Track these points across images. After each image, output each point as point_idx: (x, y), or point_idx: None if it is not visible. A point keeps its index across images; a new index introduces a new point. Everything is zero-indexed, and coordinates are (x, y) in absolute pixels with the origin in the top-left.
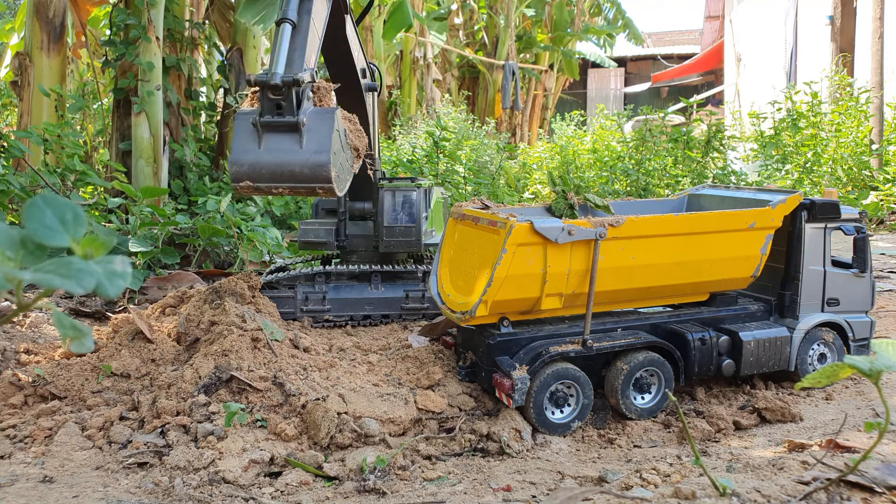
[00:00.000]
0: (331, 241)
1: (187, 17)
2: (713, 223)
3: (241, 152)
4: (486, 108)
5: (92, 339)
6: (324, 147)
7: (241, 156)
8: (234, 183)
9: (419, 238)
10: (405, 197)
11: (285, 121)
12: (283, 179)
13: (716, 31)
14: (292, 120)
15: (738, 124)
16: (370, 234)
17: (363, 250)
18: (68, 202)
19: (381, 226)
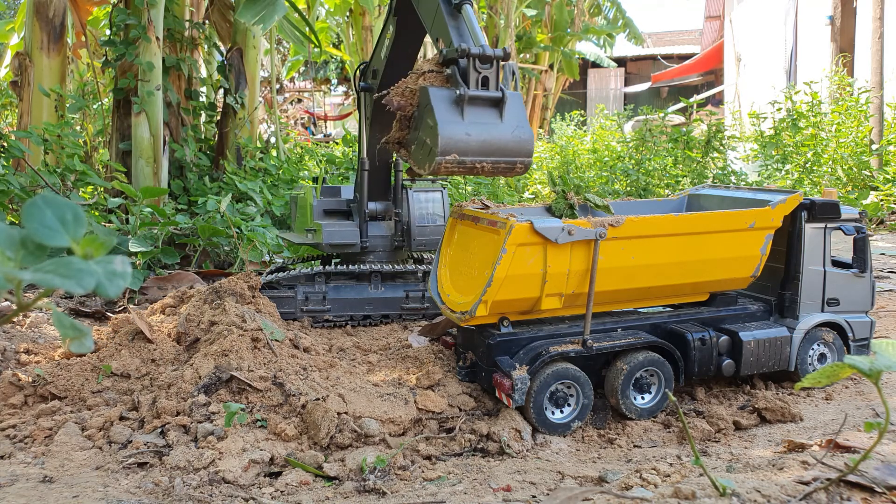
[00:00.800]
0: (357, 242)
1: (187, 17)
2: (713, 223)
3: (448, 124)
4: None
5: (92, 339)
6: (523, 122)
7: (451, 128)
8: (441, 157)
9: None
10: (432, 197)
11: (491, 95)
12: (490, 153)
13: (716, 31)
14: (497, 95)
15: (738, 124)
16: (389, 234)
17: (381, 250)
18: (68, 202)
19: (412, 225)
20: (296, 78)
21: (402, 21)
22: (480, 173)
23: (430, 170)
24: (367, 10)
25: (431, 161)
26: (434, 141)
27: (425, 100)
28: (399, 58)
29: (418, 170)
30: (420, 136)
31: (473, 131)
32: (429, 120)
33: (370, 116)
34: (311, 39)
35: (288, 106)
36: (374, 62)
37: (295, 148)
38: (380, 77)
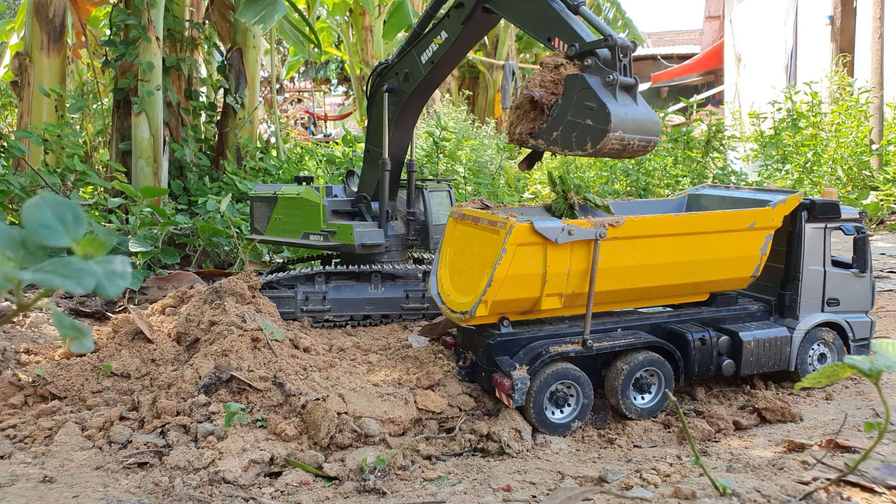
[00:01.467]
0: (384, 242)
1: (187, 17)
2: (713, 223)
3: (613, 105)
4: (486, 108)
5: (92, 339)
6: (646, 106)
7: (616, 108)
8: (612, 133)
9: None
10: (444, 197)
11: (631, 81)
12: (640, 131)
13: (716, 31)
14: (634, 80)
15: (738, 124)
16: (401, 233)
17: (395, 250)
18: (68, 202)
19: (429, 224)
20: (296, 78)
21: (471, 30)
22: (630, 152)
23: (596, 148)
24: (367, 10)
25: (598, 139)
26: (601, 119)
27: (580, 85)
28: (450, 62)
29: (570, 152)
30: (571, 119)
31: (631, 111)
32: (588, 103)
33: (393, 117)
34: (311, 39)
35: (288, 106)
36: (407, 65)
37: (295, 148)
38: (418, 80)
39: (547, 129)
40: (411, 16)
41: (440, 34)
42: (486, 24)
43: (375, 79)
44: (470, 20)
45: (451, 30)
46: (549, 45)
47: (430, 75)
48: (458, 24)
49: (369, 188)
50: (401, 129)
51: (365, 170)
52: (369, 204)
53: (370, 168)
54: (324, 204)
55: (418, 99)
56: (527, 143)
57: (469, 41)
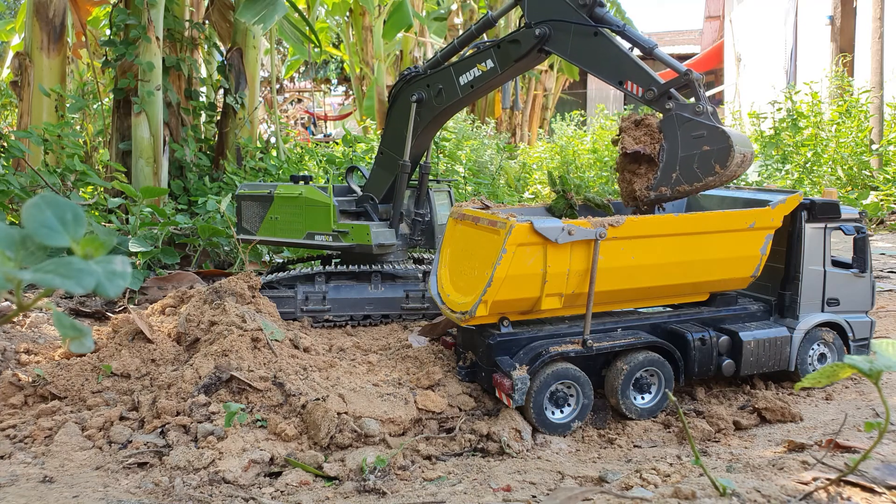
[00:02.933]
0: (396, 242)
1: (187, 17)
2: (713, 223)
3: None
4: (486, 108)
5: (92, 339)
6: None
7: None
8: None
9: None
10: (446, 196)
11: (713, 107)
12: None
13: (716, 31)
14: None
15: (738, 124)
16: (406, 233)
17: (400, 249)
18: (68, 202)
19: (435, 224)
20: (296, 78)
21: (521, 67)
22: (746, 165)
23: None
24: (367, 10)
25: (724, 158)
26: (719, 140)
27: (680, 121)
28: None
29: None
30: (685, 155)
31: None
32: (697, 132)
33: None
34: (311, 39)
35: (288, 106)
36: (442, 81)
37: (295, 148)
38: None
39: (662, 175)
40: (411, 16)
41: (486, 62)
42: (537, 62)
43: (403, 85)
44: (524, 59)
45: (501, 63)
46: (620, 88)
47: (465, 98)
48: (509, 60)
49: (377, 190)
50: (423, 137)
51: (375, 171)
52: (376, 204)
53: (382, 171)
54: (334, 204)
55: (448, 115)
56: (650, 197)
57: (514, 74)
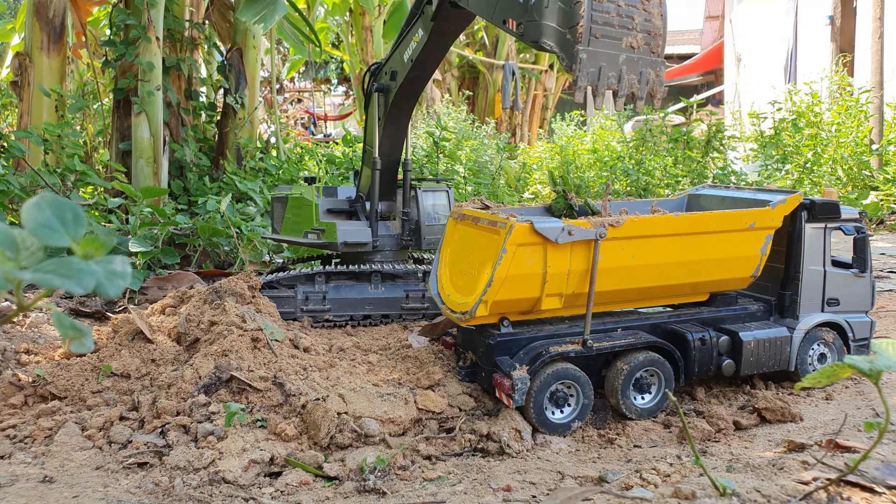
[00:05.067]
0: (370, 241)
1: (187, 17)
2: (713, 223)
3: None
4: (486, 108)
5: (92, 339)
6: None
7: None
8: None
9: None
10: (441, 196)
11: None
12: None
13: (716, 31)
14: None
15: (738, 124)
16: (396, 233)
17: (388, 249)
18: (68, 202)
19: (422, 224)
20: (296, 78)
21: (441, 26)
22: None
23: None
24: (367, 10)
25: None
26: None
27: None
28: (429, 60)
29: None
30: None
31: None
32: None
33: (383, 116)
34: (311, 39)
35: (288, 106)
36: (394, 64)
37: (295, 148)
38: (402, 78)
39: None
40: None
41: (417, 32)
42: (457, 20)
43: (370, 78)
44: (438, 16)
45: (425, 27)
46: (504, 28)
47: (412, 73)
48: (428, 21)
49: (365, 188)
50: (392, 128)
51: (363, 169)
52: (364, 204)
53: (367, 168)
54: (317, 203)
55: (405, 98)
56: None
57: (442, 38)
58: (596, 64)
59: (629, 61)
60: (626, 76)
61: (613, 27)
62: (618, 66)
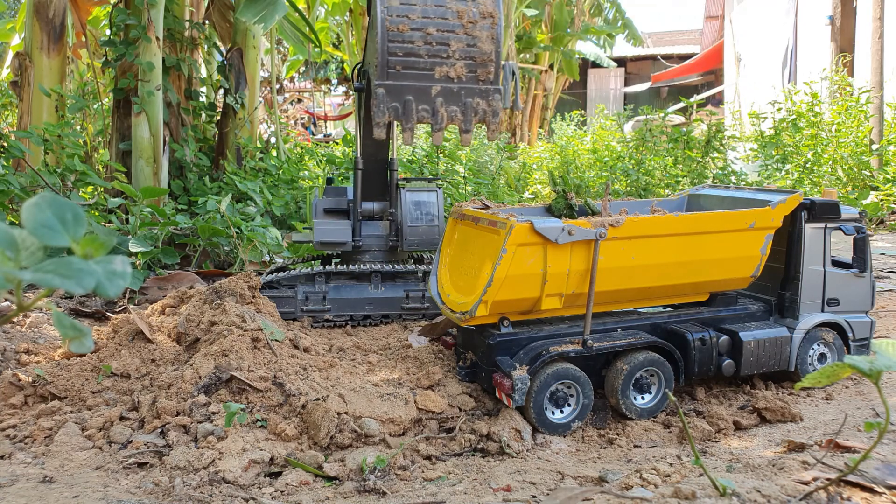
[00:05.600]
0: (349, 241)
1: (187, 17)
2: (713, 223)
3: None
4: None
5: (92, 339)
6: None
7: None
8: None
9: (440, 237)
10: (426, 197)
11: None
12: None
13: (716, 31)
14: None
15: (738, 124)
16: (384, 234)
17: (376, 250)
18: (68, 202)
19: (404, 225)
20: (296, 78)
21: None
22: None
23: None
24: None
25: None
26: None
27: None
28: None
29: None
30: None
31: None
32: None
33: (363, 117)
34: (311, 39)
35: (288, 106)
36: (366, 64)
37: (295, 148)
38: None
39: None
40: None
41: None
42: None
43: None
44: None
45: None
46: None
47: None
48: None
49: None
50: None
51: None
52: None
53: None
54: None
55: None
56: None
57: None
58: (399, 98)
59: (447, 92)
60: (444, 109)
61: (421, 57)
62: (431, 99)
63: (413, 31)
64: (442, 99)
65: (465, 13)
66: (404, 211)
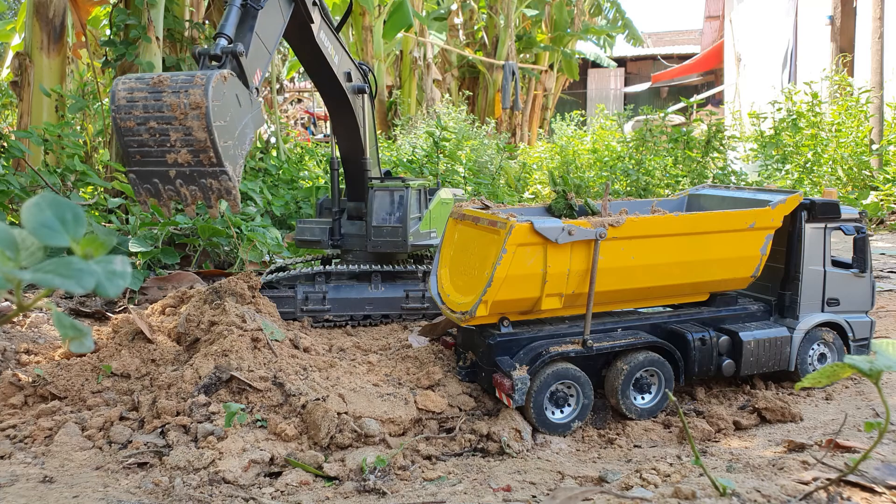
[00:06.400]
0: (325, 239)
1: (187, 17)
2: (713, 223)
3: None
4: (486, 108)
5: (92, 339)
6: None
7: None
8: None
9: (405, 238)
10: (393, 197)
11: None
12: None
13: (716, 31)
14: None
15: (738, 124)
16: (364, 233)
17: (358, 249)
18: (68, 202)
19: (369, 225)
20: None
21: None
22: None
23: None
24: (367, 10)
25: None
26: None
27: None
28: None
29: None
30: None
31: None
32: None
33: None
34: None
35: (288, 106)
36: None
37: (295, 148)
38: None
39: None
40: (411, 16)
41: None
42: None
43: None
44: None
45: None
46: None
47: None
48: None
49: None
50: (339, 128)
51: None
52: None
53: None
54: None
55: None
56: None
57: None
58: (148, 180)
59: (183, 175)
60: (186, 188)
61: (151, 147)
62: (172, 181)
63: (139, 125)
64: (181, 180)
65: (178, 105)
66: (371, 210)
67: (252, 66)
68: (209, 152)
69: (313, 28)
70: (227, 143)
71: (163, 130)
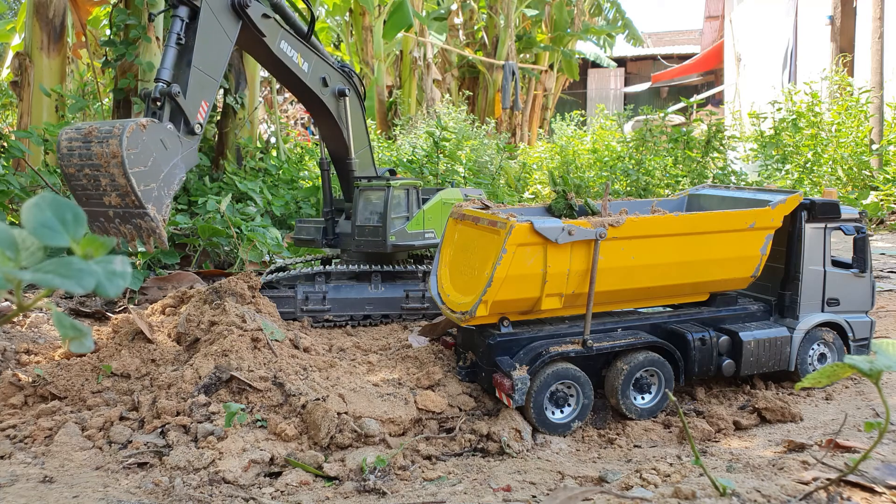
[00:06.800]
0: (318, 238)
1: None
2: (713, 223)
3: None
4: (486, 108)
5: (92, 339)
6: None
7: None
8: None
9: (385, 238)
10: (374, 197)
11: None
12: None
13: (716, 31)
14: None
15: (738, 124)
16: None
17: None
18: (68, 202)
19: (353, 225)
20: None
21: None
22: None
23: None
24: (367, 10)
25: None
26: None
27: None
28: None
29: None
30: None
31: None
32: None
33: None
34: None
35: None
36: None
37: (295, 148)
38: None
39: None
40: (411, 16)
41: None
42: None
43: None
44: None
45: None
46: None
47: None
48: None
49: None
50: (323, 129)
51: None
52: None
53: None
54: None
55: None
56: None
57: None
58: (96, 219)
59: (120, 215)
60: (123, 227)
61: (91, 191)
62: (113, 220)
63: (78, 172)
64: (118, 220)
65: (102, 155)
66: (355, 211)
67: (194, 102)
68: (131, 196)
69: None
70: (150, 187)
71: (95, 177)
